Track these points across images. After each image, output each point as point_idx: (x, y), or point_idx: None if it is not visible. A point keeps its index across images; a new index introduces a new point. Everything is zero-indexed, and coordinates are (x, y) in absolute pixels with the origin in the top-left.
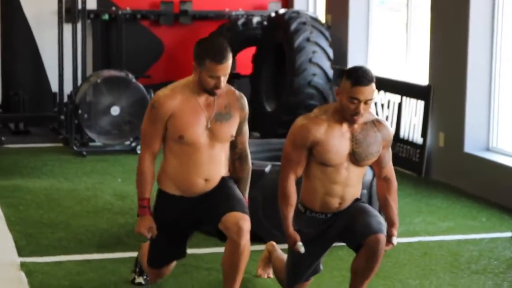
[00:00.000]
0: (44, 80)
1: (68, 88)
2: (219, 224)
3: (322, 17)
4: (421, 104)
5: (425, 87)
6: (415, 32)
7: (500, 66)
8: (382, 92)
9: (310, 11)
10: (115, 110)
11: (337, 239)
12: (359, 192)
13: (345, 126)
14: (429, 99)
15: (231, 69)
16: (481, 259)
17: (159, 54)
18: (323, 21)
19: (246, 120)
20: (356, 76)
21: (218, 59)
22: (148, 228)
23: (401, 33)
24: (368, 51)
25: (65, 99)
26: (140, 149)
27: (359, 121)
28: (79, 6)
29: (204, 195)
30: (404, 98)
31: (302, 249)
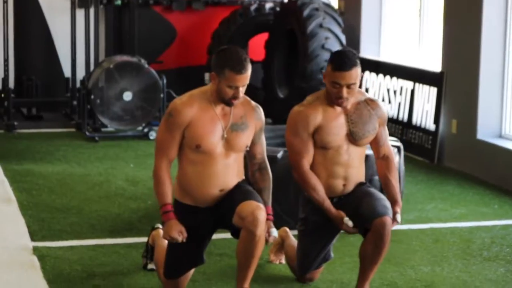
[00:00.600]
0: (57, 66)
1: (80, 73)
2: (233, 218)
3: (335, 3)
4: (433, 90)
5: (438, 73)
6: (428, 18)
7: None
8: (394, 78)
9: None
10: (127, 96)
11: None
12: (363, 175)
13: (339, 108)
14: (442, 85)
15: None
16: (493, 246)
17: (172, 40)
18: (336, 7)
19: (263, 130)
20: (337, 61)
21: (237, 69)
22: (179, 232)
23: (414, 19)
24: (381, 37)
25: (78, 85)
26: (156, 157)
27: (346, 104)
28: None
29: (219, 202)
30: (417, 84)
31: (350, 222)
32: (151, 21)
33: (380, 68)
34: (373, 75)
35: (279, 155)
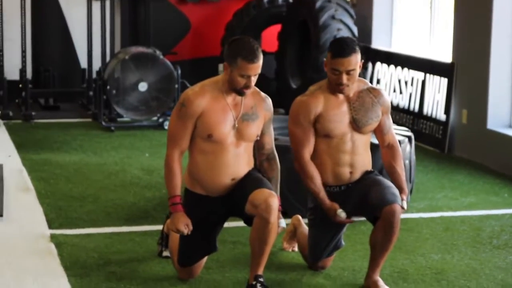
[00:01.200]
0: (74, 57)
1: (96, 64)
2: (246, 206)
3: None
4: (444, 81)
5: (448, 64)
6: (439, 10)
7: None
8: (406, 69)
9: None
10: (142, 86)
11: (353, 213)
12: (370, 163)
13: (341, 96)
14: (453, 76)
15: None
16: (502, 234)
17: (186, 31)
18: None
19: (271, 121)
20: (336, 48)
21: (250, 58)
22: (185, 225)
23: (425, 11)
24: (392, 28)
25: (94, 75)
26: (168, 147)
27: (347, 91)
28: None
29: (231, 191)
30: (428, 75)
31: (343, 214)
32: (166, 13)
33: (391, 59)
34: (385, 66)
35: None
